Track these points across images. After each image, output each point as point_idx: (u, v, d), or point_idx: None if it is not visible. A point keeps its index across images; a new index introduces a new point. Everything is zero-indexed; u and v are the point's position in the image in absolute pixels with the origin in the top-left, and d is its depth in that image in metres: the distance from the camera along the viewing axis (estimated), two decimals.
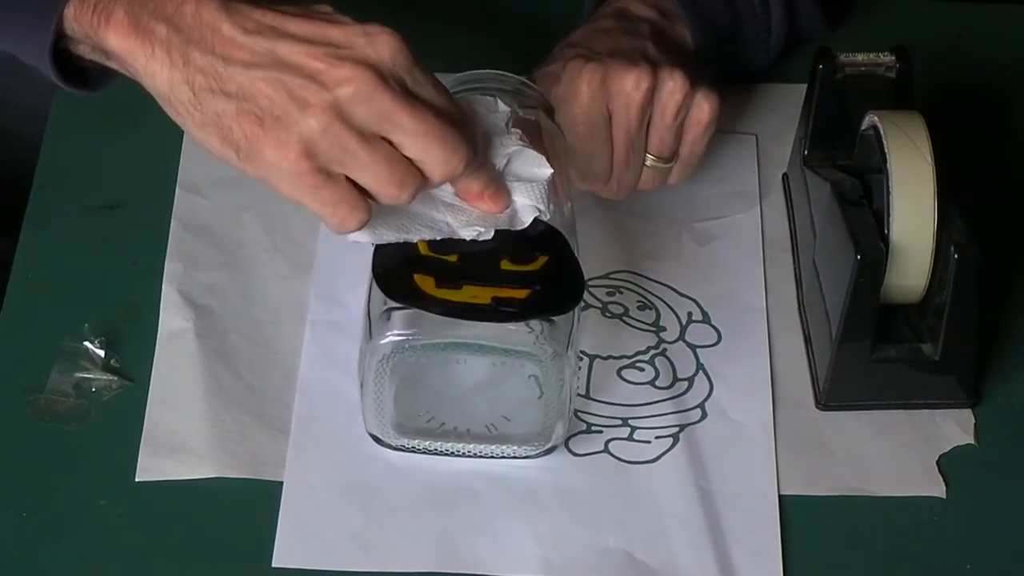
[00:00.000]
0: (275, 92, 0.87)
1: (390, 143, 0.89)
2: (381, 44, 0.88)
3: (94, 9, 0.91)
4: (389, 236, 0.94)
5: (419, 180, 0.90)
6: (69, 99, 1.20)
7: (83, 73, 0.98)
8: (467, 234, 0.95)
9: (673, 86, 1.06)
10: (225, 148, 0.89)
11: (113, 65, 0.94)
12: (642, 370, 1.08)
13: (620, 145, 1.08)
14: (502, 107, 0.98)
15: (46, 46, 0.94)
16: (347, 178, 0.89)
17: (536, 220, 0.97)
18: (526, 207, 0.96)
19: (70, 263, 1.13)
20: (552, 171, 0.97)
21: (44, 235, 1.14)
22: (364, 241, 0.94)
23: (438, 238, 0.95)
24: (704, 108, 1.08)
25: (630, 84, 1.06)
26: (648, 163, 1.10)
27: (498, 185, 0.95)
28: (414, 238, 0.95)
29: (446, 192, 0.95)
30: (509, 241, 0.97)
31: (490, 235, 0.95)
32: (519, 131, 0.98)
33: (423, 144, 0.88)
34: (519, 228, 0.96)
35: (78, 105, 1.20)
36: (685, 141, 1.09)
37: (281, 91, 0.87)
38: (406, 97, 0.88)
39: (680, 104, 1.07)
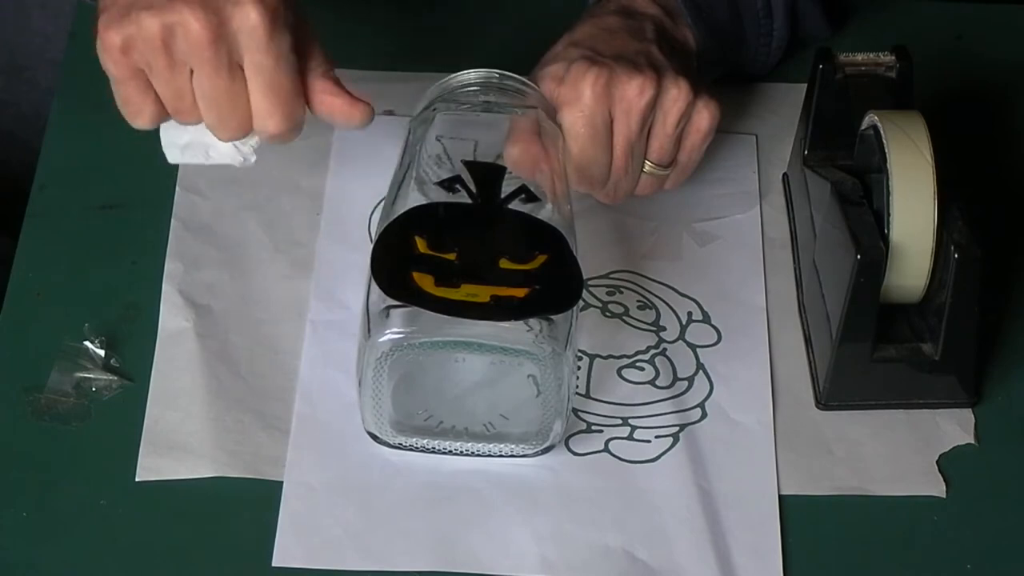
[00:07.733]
0: None
1: None
2: (245, 9, 0.93)
3: None
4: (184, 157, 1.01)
5: (198, 119, 0.97)
6: (69, 99, 1.21)
7: None
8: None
9: (676, 94, 1.06)
10: None
11: None
12: (642, 369, 1.08)
13: (620, 150, 1.07)
14: None
15: None
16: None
17: (537, 219, 0.98)
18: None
19: (70, 263, 1.12)
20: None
21: (44, 235, 1.14)
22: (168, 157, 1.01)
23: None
24: (704, 115, 1.08)
25: (634, 91, 1.05)
26: (646, 169, 1.09)
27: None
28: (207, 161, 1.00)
29: None
30: (508, 240, 0.97)
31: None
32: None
33: (211, 107, 0.96)
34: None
35: (78, 105, 1.20)
36: (684, 148, 1.09)
37: None
38: (221, 64, 0.94)
39: (682, 112, 1.07)
